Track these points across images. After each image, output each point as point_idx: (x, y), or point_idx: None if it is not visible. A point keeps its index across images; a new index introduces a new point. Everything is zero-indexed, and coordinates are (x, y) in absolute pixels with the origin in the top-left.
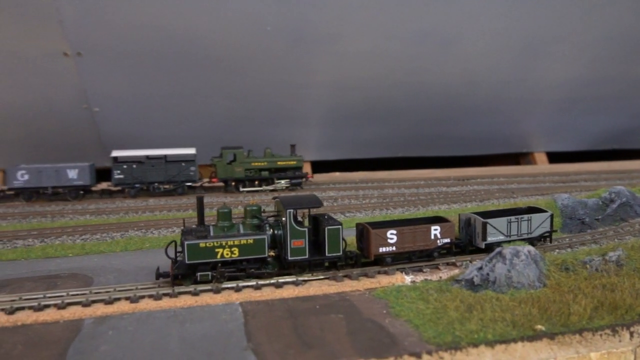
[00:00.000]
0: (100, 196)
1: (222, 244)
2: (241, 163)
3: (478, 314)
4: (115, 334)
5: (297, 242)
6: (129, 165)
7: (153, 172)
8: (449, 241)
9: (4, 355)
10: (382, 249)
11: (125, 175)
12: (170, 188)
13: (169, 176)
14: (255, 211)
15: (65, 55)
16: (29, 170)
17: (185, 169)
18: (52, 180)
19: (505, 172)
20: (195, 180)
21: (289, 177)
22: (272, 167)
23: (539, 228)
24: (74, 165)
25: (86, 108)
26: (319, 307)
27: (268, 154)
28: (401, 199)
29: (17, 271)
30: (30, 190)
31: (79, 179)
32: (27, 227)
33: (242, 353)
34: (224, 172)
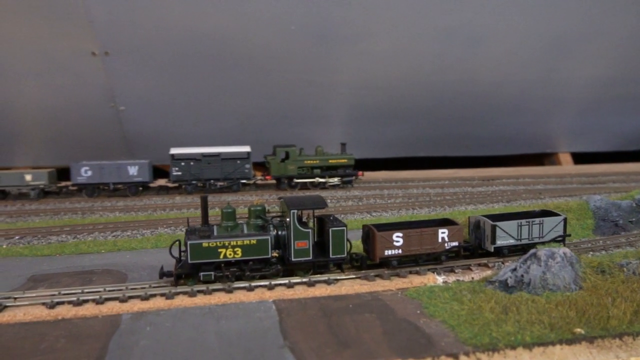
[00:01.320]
0: (158, 192)
1: (225, 244)
2: (294, 161)
3: (514, 315)
4: (153, 329)
5: (300, 243)
6: (187, 162)
7: (209, 169)
8: (457, 244)
9: (49, 348)
10: (388, 251)
11: (182, 172)
12: (225, 185)
13: (224, 173)
14: (260, 211)
15: (93, 54)
16: (92, 166)
17: (240, 167)
18: (113, 177)
19: (531, 172)
20: (250, 177)
21: (340, 175)
22: (323, 165)
23: (551, 232)
24: (134, 162)
25: (112, 107)
26: (352, 307)
27: (319, 152)
28: (427, 199)
29: (52, 266)
30: (93, 186)
31: (139, 175)
32: (59, 223)
33: (280, 351)
34: (277, 170)
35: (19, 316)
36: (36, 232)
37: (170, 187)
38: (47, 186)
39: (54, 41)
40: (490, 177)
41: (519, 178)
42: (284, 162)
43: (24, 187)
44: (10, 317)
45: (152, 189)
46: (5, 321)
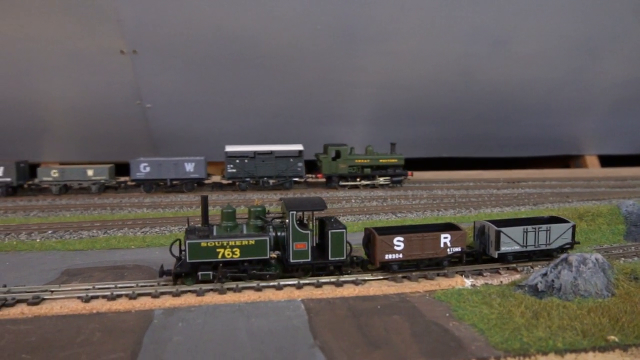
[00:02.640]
0: (212, 189)
1: (223, 244)
2: (345, 160)
3: (545, 321)
4: (186, 325)
5: (299, 244)
6: (241, 160)
7: (263, 167)
8: (460, 250)
9: (85, 340)
10: (388, 255)
11: (237, 169)
12: (277, 183)
13: (277, 171)
14: (259, 212)
15: (121, 53)
16: (151, 163)
17: (292, 165)
18: (171, 173)
19: (557, 175)
20: (302, 175)
21: (389, 175)
22: (374, 164)
23: (559, 239)
24: (191, 159)
25: (139, 104)
26: (380, 308)
27: (370, 151)
28: (451, 201)
29: (85, 261)
30: (151, 181)
31: (195, 171)
32: (89, 218)
33: (310, 350)
34: (328, 169)
35: (56, 309)
36: (68, 227)
37: (224, 183)
38: (108, 181)
39: (84, 40)
40: (516, 179)
41: (544, 181)
42: (335, 160)
43: (85, 181)
44: (48, 309)
45: (207, 185)
46: (44, 313)
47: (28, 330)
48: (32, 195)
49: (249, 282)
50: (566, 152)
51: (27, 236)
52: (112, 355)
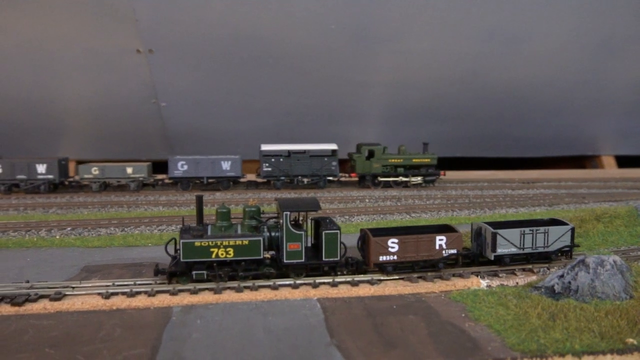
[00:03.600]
0: (247, 187)
1: (217, 244)
2: (378, 159)
3: (562, 322)
4: (204, 322)
5: (293, 245)
6: (277, 158)
7: (298, 165)
8: (456, 252)
9: (106, 336)
10: (383, 257)
11: (272, 168)
12: (311, 181)
13: (312, 170)
14: (254, 212)
15: (138, 52)
16: (188, 161)
17: (327, 164)
18: (207, 171)
19: (573, 175)
20: (336, 174)
21: (422, 174)
22: (407, 163)
23: (557, 242)
24: (228, 158)
25: (154, 103)
26: (396, 307)
27: (403, 151)
28: (466, 201)
29: (103, 258)
30: (188, 179)
31: (232, 170)
32: (107, 216)
33: (327, 349)
34: (362, 168)
35: (77, 305)
36: (86, 224)
37: (259, 182)
38: (146, 179)
39: (101, 39)
40: (531, 179)
41: (560, 181)
42: (368, 160)
43: (125, 179)
44: (69, 305)
45: (242, 183)
46: (65, 309)
47: (51, 325)
48: (73, 191)
49: (265, 281)
50: (582, 152)
51: (47, 233)
52: (133, 350)
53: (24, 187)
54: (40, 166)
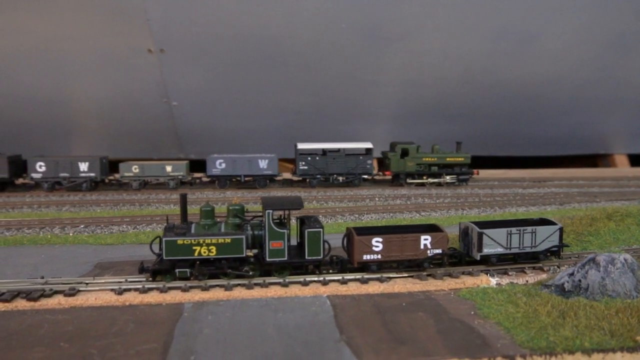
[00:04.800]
0: (282, 185)
1: (199, 242)
2: (413, 158)
3: (572, 320)
4: (215, 318)
5: (275, 243)
6: (313, 157)
7: (334, 164)
8: (441, 252)
9: (120, 331)
10: (367, 256)
11: (308, 166)
12: (346, 179)
13: (347, 168)
14: (238, 210)
15: (149, 51)
16: (226, 159)
17: (362, 162)
18: (245, 169)
19: (584, 174)
20: (371, 173)
21: (456, 173)
22: (441, 162)
23: (545, 242)
24: (265, 156)
25: (166, 102)
26: (405, 305)
27: (437, 149)
28: (476, 200)
29: (116, 255)
30: (225, 177)
31: (269, 168)
32: (119, 213)
33: (337, 345)
34: (396, 166)
35: (91, 300)
36: (99, 222)
37: (294, 180)
38: (184, 177)
39: (113, 39)
40: (542, 178)
41: (571, 180)
42: (403, 158)
43: (164, 177)
44: (83, 300)
45: (278, 181)
46: (79, 304)
47: (65, 320)
48: (114, 189)
49: (275, 278)
50: (594, 151)
51: (61, 230)
52: (146, 345)
53: (66, 184)
54: (82, 164)
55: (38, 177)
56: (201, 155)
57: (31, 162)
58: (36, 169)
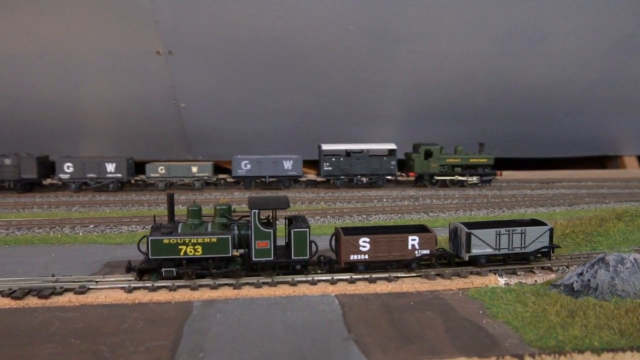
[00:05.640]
0: (306, 186)
1: (185, 242)
2: (436, 159)
3: (581, 320)
4: (223, 317)
5: (261, 243)
6: (337, 158)
7: (358, 165)
8: (429, 252)
9: (129, 328)
10: (354, 256)
11: (332, 167)
12: (370, 180)
13: (371, 169)
14: (225, 210)
15: (157, 54)
16: (251, 160)
17: (386, 163)
18: (269, 170)
19: (593, 175)
20: (395, 174)
21: (479, 174)
22: (464, 163)
23: (534, 243)
24: (289, 157)
25: (174, 104)
26: (413, 304)
27: (460, 151)
28: (484, 201)
29: (126, 254)
30: (250, 178)
31: (293, 169)
32: (128, 214)
33: (345, 343)
34: (420, 167)
35: (101, 298)
36: (108, 222)
37: (318, 181)
38: (209, 178)
39: (122, 41)
40: (550, 179)
41: (580, 181)
42: (427, 160)
43: (189, 178)
44: (93, 298)
45: (302, 182)
46: (89, 302)
47: (76, 317)
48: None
49: (283, 277)
50: (603, 152)
51: (71, 230)
52: (155, 342)
53: (93, 185)
54: (109, 165)
55: (66, 177)
56: (209, 157)
57: (59, 163)
58: (64, 169)
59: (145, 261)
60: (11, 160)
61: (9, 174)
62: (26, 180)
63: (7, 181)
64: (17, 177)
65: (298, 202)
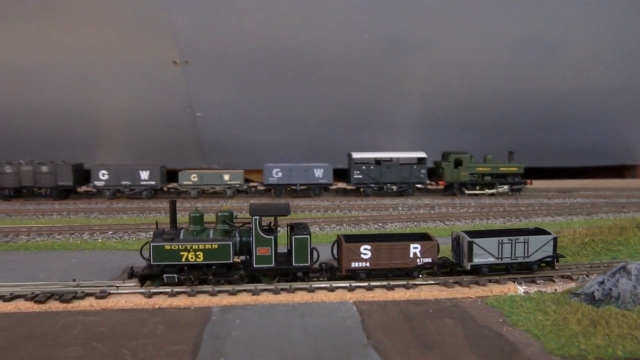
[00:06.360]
0: (336, 194)
1: (186, 248)
2: (466, 167)
3: (603, 329)
4: (243, 322)
5: (262, 249)
6: (367, 166)
7: (388, 173)
8: (431, 261)
9: (150, 333)
10: (355, 264)
11: (363, 175)
12: (399, 189)
13: (401, 177)
14: (226, 217)
15: (174, 63)
16: (282, 168)
17: (416, 171)
18: (300, 178)
19: (611, 185)
20: (425, 182)
21: (509, 183)
22: (494, 172)
23: (538, 252)
24: (320, 165)
25: (189, 112)
26: (432, 311)
27: (489, 159)
28: (500, 209)
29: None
30: (281, 186)
31: (324, 177)
32: (146, 221)
33: (364, 349)
34: (450, 176)
35: (121, 303)
36: (127, 229)
37: (348, 189)
38: (241, 185)
39: (140, 51)
40: (567, 188)
41: (598, 191)
42: (456, 168)
43: (221, 185)
44: (114, 303)
45: (332, 190)
46: (110, 307)
47: (97, 321)
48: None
49: (301, 283)
50: (621, 162)
51: (90, 236)
52: (176, 347)
53: (127, 193)
54: (143, 173)
55: (101, 185)
56: (223, 165)
57: (94, 171)
58: (99, 177)
59: (148, 267)
60: (48, 167)
61: (45, 181)
62: (62, 187)
63: (44, 188)
64: (54, 184)
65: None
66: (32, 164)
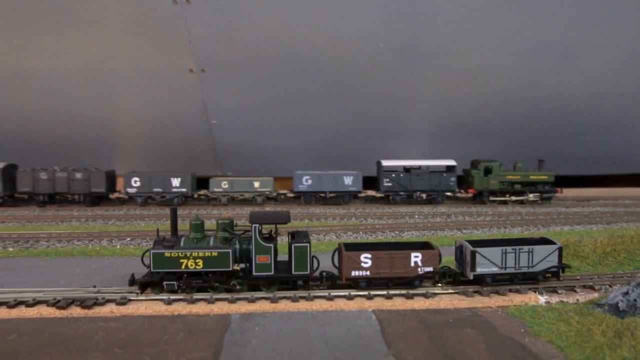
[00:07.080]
0: (365, 202)
1: (186, 255)
2: (496, 176)
3: (629, 341)
4: (262, 330)
5: (262, 257)
6: (397, 174)
7: (418, 181)
8: (432, 270)
9: (170, 339)
10: (355, 272)
11: (392, 183)
12: (429, 197)
13: (431, 185)
14: (227, 225)
15: (191, 71)
16: (312, 176)
17: (446, 179)
18: (330, 186)
19: (630, 194)
20: (454, 190)
21: (539, 191)
22: (524, 180)
23: (542, 262)
24: (349, 173)
25: (205, 120)
26: (452, 321)
27: (519, 167)
28: (518, 218)
29: None
30: (311, 194)
31: (353, 185)
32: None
33: (385, 358)
34: (479, 184)
35: (141, 309)
36: (145, 235)
37: (377, 197)
38: (271, 193)
39: (157, 59)
40: (585, 197)
41: (617, 199)
42: (486, 176)
43: (251, 193)
44: (134, 309)
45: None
46: (130, 313)
47: (118, 327)
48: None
49: (321, 291)
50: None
51: (108, 242)
52: (196, 353)
53: (158, 199)
54: (175, 180)
55: (133, 191)
56: (239, 174)
57: (127, 177)
58: (131, 184)
59: (148, 274)
60: (82, 174)
61: (79, 187)
62: (95, 194)
63: (77, 194)
64: (87, 191)
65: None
66: (67, 171)
